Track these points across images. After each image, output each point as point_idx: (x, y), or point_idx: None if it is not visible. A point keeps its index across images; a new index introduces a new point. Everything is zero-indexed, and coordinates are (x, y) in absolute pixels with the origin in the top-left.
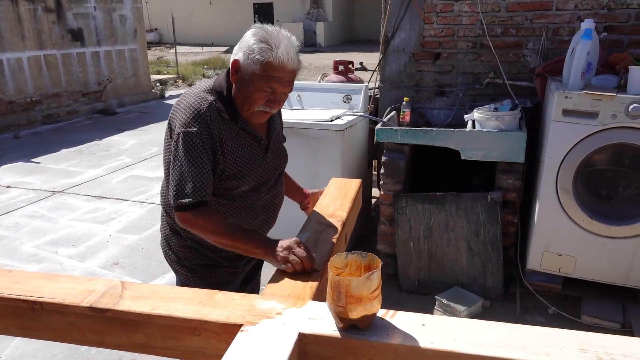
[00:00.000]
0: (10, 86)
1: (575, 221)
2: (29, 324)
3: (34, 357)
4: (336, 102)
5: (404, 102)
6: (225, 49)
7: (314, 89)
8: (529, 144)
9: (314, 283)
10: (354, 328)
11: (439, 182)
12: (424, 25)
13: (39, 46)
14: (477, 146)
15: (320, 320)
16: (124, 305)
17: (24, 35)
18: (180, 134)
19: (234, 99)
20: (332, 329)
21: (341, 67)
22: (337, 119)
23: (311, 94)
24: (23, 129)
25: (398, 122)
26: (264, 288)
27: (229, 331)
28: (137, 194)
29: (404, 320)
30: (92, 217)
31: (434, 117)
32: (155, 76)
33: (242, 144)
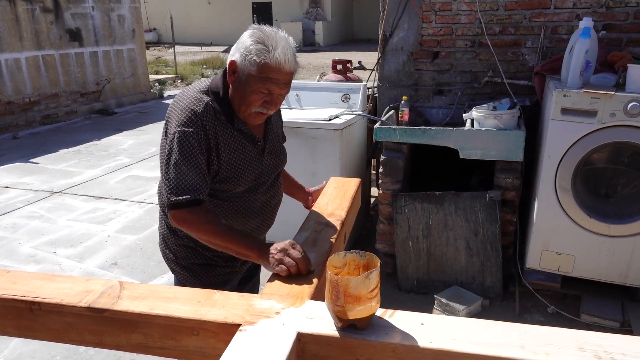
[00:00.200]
0: (8, 87)
1: (574, 220)
2: (26, 324)
3: (32, 358)
4: (335, 102)
5: (403, 101)
6: (224, 48)
7: (313, 88)
8: (527, 143)
9: (312, 282)
10: (352, 327)
11: (437, 181)
12: (423, 24)
13: (37, 46)
14: (476, 145)
15: (319, 319)
16: (122, 306)
17: (21, 36)
18: (176, 134)
19: (230, 99)
20: (331, 329)
21: (340, 67)
22: (336, 118)
23: (310, 93)
24: (21, 129)
25: (397, 121)
26: (262, 288)
27: (227, 331)
28: (136, 194)
29: (403, 320)
30: (90, 218)
31: (432, 116)
32: (153, 76)
33: (237, 145)
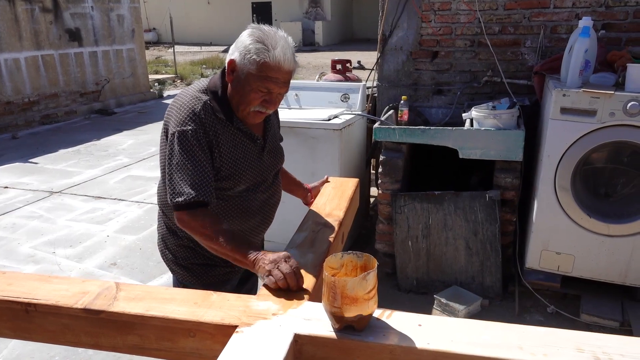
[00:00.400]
0: (7, 87)
1: (573, 219)
2: (22, 325)
3: (31, 358)
4: (334, 101)
5: (402, 101)
6: (223, 48)
7: (312, 88)
8: (527, 143)
9: (310, 284)
10: (349, 329)
11: (437, 181)
12: (422, 24)
13: (36, 46)
14: (475, 145)
15: (316, 321)
16: (118, 307)
17: (21, 36)
18: (176, 133)
19: (229, 98)
20: (328, 330)
21: (339, 66)
22: (335, 118)
23: (309, 93)
24: (21, 129)
25: (396, 120)
26: (260, 288)
27: (224, 332)
28: (135, 194)
29: (401, 321)
30: (89, 218)
31: (432, 116)
32: (153, 76)
33: (237, 144)
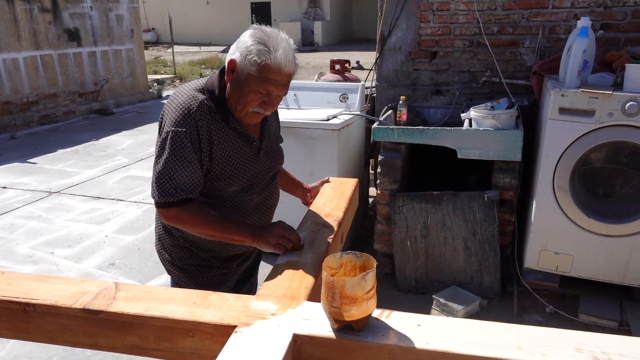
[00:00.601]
0: (6, 87)
1: (572, 219)
2: (21, 326)
3: (29, 359)
4: (333, 101)
5: (401, 101)
6: (222, 48)
7: (311, 88)
8: (525, 143)
9: (309, 284)
10: (348, 329)
11: (435, 181)
12: (421, 24)
13: (35, 46)
14: (474, 145)
15: (315, 321)
16: (117, 307)
17: (20, 36)
18: (169, 133)
19: (227, 98)
20: (327, 330)
21: (338, 66)
22: (334, 118)
23: (308, 93)
24: (20, 129)
25: (395, 121)
26: (259, 288)
27: (223, 332)
28: (134, 194)
29: (400, 321)
30: (88, 218)
31: (430, 116)
32: (152, 76)
33: (232, 144)
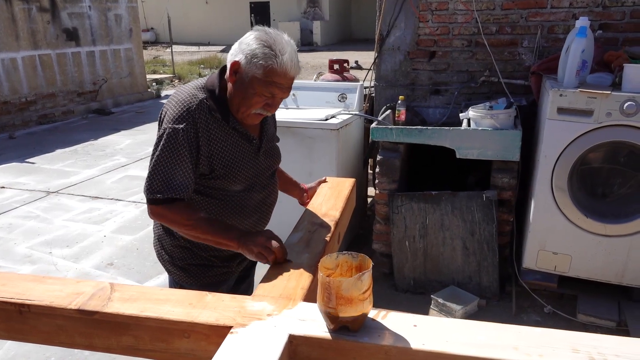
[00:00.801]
0: (4, 86)
1: (570, 219)
2: (16, 327)
3: (26, 359)
4: (331, 101)
5: (399, 101)
6: (221, 48)
7: (310, 87)
8: (524, 143)
9: (305, 284)
10: (344, 329)
11: (434, 181)
12: (419, 24)
13: (33, 46)
14: (472, 145)
15: (311, 321)
16: (112, 308)
17: (18, 35)
18: (167, 129)
19: (228, 98)
20: (323, 331)
21: (336, 66)
22: (332, 117)
23: (306, 92)
24: (18, 129)
25: (393, 120)
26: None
27: (218, 333)
28: (132, 194)
29: (396, 321)
30: (86, 218)
31: (429, 116)
32: (151, 75)
33: (232, 143)
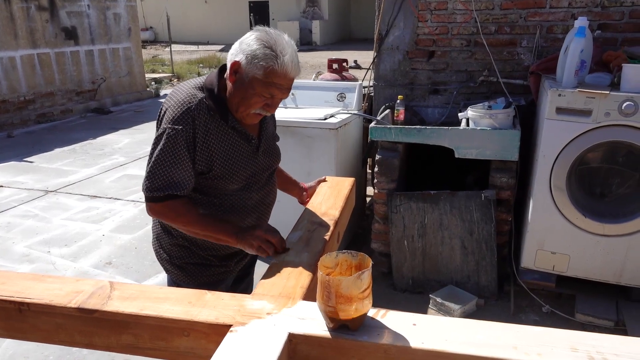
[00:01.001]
0: (3, 85)
1: (568, 219)
2: (16, 325)
3: (25, 358)
4: (330, 101)
5: (398, 101)
6: (220, 47)
7: (308, 87)
8: (522, 142)
9: (304, 283)
10: (344, 328)
11: (433, 181)
12: (418, 23)
13: (32, 45)
14: (471, 144)
15: (311, 320)
16: (112, 306)
17: (16, 34)
18: (166, 130)
19: (227, 98)
20: (323, 329)
21: (335, 66)
22: (331, 117)
23: (305, 92)
24: (16, 128)
25: (392, 120)
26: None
27: (218, 332)
28: (131, 193)
29: (395, 320)
30: (85, 217)
31: (428, 115)
32: (150, 75)
33: (230, 142)
